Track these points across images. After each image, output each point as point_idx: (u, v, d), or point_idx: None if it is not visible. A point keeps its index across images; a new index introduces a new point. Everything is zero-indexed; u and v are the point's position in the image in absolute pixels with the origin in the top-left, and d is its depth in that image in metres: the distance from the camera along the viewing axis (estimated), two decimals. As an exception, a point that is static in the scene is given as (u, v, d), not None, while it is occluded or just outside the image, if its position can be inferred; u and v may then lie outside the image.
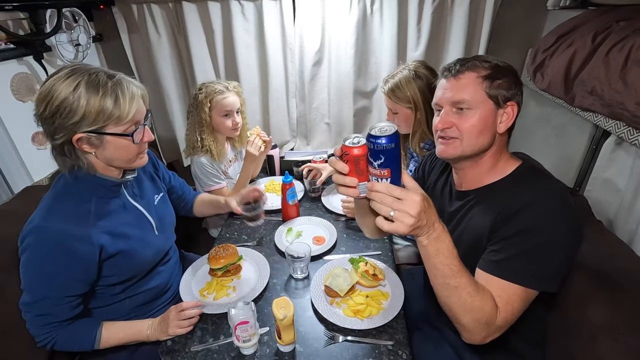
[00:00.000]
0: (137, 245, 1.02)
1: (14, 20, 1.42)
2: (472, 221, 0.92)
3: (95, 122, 0.86)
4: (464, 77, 0.87)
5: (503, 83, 0.85)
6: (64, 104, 0.83)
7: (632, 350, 0.80)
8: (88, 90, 0.84)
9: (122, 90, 0.88)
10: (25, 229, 0.90)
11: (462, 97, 0.86)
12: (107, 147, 0.91)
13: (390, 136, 0.68)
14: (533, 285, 0.80)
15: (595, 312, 0.90)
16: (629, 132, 1.03)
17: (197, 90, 1.56)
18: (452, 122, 0.88)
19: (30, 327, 0.94)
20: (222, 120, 1.56)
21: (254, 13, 1.75)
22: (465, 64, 0.87)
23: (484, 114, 0.85)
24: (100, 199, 0.98)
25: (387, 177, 0.71)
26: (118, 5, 1.75)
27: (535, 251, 0.79)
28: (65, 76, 0.85)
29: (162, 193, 1.22)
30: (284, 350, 0.96)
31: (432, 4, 1.68)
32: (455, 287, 0.76)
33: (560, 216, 0.79)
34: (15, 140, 1.38)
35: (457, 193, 0.99)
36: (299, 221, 1.50)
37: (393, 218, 0.69)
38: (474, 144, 0.87)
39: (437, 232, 0.73)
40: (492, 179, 0.91)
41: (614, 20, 1.16)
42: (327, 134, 2.06)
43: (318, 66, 1.86)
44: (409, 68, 1.33)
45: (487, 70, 0.86)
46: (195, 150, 1.59)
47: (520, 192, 0.84)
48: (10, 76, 1.38)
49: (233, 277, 1.20)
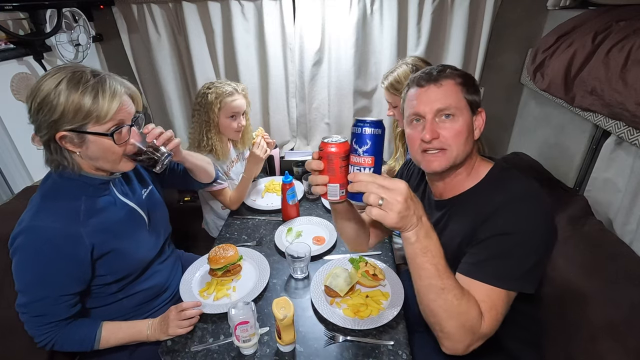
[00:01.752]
0: (129, 243, 1.02)
1: (14, 20, 1.42)
2: (451, 230, 0.92)
3: (74, 120, 0.84)
4: (445, 84, 0.85)
5: (473, 90, 0.87)
6: (45, 100, 0.83)
7: (632, 350, 0.80)
8: (68, 86, 0.83)
9: (103, 88, 0.86)
10: (15, 230, 0.89)
11: (449, 102, 0.84)
12: (90, 147, 0.89)
13: (377, 122, 0.70)
14: (514, 287, 0.79)
15: (595, 312, 0.90)
16: (629, 132, 1.03)
17: (206, 89, 1.54)
18: (439, 132, 0.85)
19: (28, 328, 0.94)
20: (228, 122, 1.56)
21: (254, 13, 1.75)
22: (441, 72, 0.86)
23: (466, 121, 0.85)
24: (89, 197, 0.96)
25: (370, 166, 0.71)
26: (118, 5, 1.75)
27: (512, 252, 0.79)
28: (52, 73, 0.85)
29: (150, 186, 1.20)
30: (284, 350, 0.96)
31: (432, 4, 1.68)
32: (442, 289, 0.73)
33: (534, 217, 0.79)
34: (15, 140, 1.38)
35: (436, 203, 0.98)
36: (299, 221, 1.50)
37: (382, 206, 0.66)
38: (462, 151, 0.86)
39: (426, 228, 0.72)
40: (469, 184, 0.91)
41: (614, 20, 1.16)
42: (327, 134, 2.06)
43: (318, 66, 1.86)
44: (407, 63, 1.38)
45: (460, 77, 0.86)
46: (199, 149, 1.59)
47: (495, 194, 0.84)
48: (10, 76, 1.38)
49: (233, 277, 1.20)
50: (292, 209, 1.50)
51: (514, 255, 0.79)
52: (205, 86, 1.56)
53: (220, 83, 1.55)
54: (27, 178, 1.43)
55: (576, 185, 1.37)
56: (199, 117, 1.56)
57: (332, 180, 0.73)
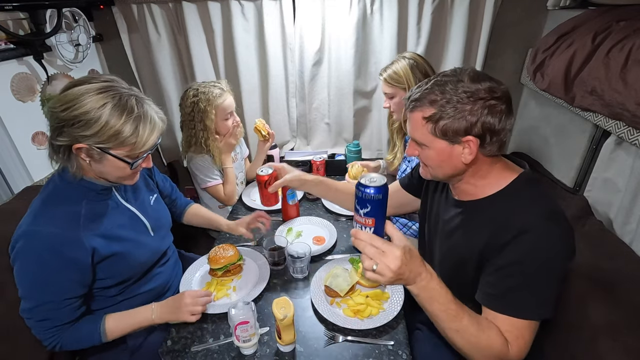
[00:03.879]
0: (130, 247, 1.02)
1: (14, 20, 1.41)
2: (464, 237, 0.91)
3: (106, 141, 0.86)
4: (412, 117, 0.86)
5: (452, 121, 0.79)
6: (84, 116, 0.83)
7: (632, 350, 0.80)
8: (112, 111, 0.85)
9: (145, 121, 0.89)
10: (15, 235, 0.89)
11: (414, 136, 0.87)
12: (105, 163, 0.91)
13: (379, 187, 0.71)
14: (537, 317, 0.80)
15: (595, 312, 0.90)
16: (629, 132, 1.03)
17: (192, 96, 1.52)
18: (416, 153, 0.90)
19: (36, 333, 0.94)
20: (225, 124, 1.57)
21: (254, 13, 1.75)
22: (415, 101, 0.84)
23: (438, 151, 0.85)
24: (90, 201, 0.97)
25: (371, 226, 0.74)
26: (118, 5, 1.75)
27: (533, 281, 0.78)
28: (97, 90, 0.85)
29: (156, 194, 1.21)
30: (284, 350, 0.96)
31: (432, 4, 1.67)
32: (457, 331, 0.77)
33: (555, 243, 0.78)
34: (15, 140, 1.38)
35: (453, 201, 0.98)
36: (299, 221, 1.50)
37: (376, 271, 0.72)
38: (440, 172, 0.89)
39: (425, 281, 0.76)
40: (485, 192, 0.89)
41: (614, 20, 1.16)
42: (327, 134, 2.06)
43: (318, 66, 1.86)
44: (405, 57, 1.43)
45: (433, 109, 0.80)
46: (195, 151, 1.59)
47: (515, 213, 0.81)
48: (10, 76, 1.38)
49: (233, 277, 1.20)
50: (292, 209, 1.50)
51: (536, 285, 0.78)
52: (189, 93, 1.54)
53: (204, 87, 1.53)
54: (27, 178, 1.43)
55: (576, 185, 1.37)
56: (194, 125, 1.55)
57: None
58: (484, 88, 0.78)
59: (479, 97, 0.77)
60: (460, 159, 0.83)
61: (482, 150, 0.82)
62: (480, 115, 0.78)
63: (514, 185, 0.86)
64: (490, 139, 0.80)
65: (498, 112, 0.78)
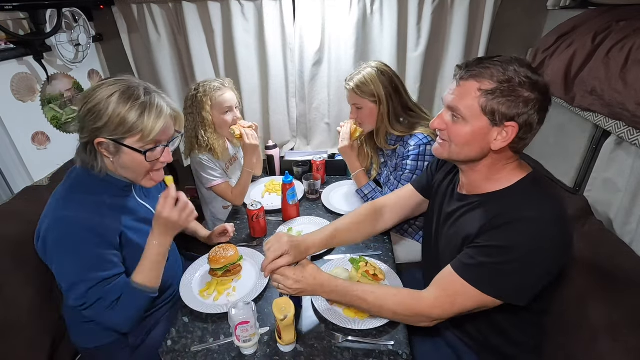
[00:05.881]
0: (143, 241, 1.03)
1: (14, 20, 1.41)
2: (463, 226, 0.92)
3: (115, 131, 0.89)
4: (465, 85, 0.82)
5: (506, 101, 0.77)
6: (96, 107, 0.87)
7: (632, 350, 0.80)
8: (119, 100, 0.88)
9: (150, 108, 0.90)
10: (43, 227, 0.91)
11: (457, 106, 0.83)
12: (123, 157, 0.93)
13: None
14: (492, 294, 0.80)
15: (595, 312, 0.90)
16: (629, 132, 1.03)
17: (193, 90, 1.55)
18: (446, 125, 0.87)
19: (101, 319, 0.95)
20: (224, 118, 1.56)
21: (254, 13, 1.75)
22: (474, 70, 0.80)
23: (475, 129, 0.82)
24: (111, 196, 0.99)
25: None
26: (118, 5, 1.75)
27: (508, 267, 0.79)
28: (109, 83, 0.90)
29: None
30: (284, 350, 0.96)
31: (432, 4, 1.68)
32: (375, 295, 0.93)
33: (541, 239, 0.78)
34: (15, 140, 1.38)
35: (457, 195, 0.99)
36: (299, 221, 1.49)
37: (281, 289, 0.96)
38: (459, 152, 0.87)
39: (323, 288, 0.95)
40: (491, 187, 0.89)
41: (614, 20, 1.16)
42: (327, 134, 2.06)
43: (318, 66, 1.86)
44: (371, 66, 1.39)
45: (494, 83, 0.78)
46: (197, 149, 1.58)
47: (515, 207, 0.82)
48: (10, 76, 1.38)
49: (233, 277, 1.20)
50: (292, 209, 1.50)
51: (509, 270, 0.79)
52: (192, 88, 1.57)
53: (206, 82, 1.56)
54: (27, 178, 1.43)
55: (576, 185, 1.37)
56: (193, 118, 1.56)
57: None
58: (543, 83, 0.78)
59: (537, 89, 0.77)
60: (491, 143, 0.82)
61: (513, 142, 0.81)
62: (532, 107, 0.77)
63: (521, 184, 0.87)
64: (525, 134, 0.80)
65: (544, 112, 0.79)
